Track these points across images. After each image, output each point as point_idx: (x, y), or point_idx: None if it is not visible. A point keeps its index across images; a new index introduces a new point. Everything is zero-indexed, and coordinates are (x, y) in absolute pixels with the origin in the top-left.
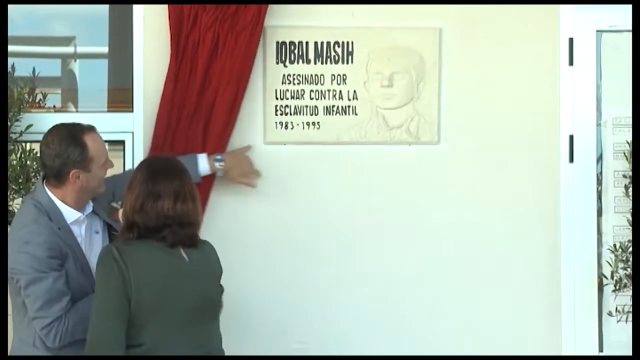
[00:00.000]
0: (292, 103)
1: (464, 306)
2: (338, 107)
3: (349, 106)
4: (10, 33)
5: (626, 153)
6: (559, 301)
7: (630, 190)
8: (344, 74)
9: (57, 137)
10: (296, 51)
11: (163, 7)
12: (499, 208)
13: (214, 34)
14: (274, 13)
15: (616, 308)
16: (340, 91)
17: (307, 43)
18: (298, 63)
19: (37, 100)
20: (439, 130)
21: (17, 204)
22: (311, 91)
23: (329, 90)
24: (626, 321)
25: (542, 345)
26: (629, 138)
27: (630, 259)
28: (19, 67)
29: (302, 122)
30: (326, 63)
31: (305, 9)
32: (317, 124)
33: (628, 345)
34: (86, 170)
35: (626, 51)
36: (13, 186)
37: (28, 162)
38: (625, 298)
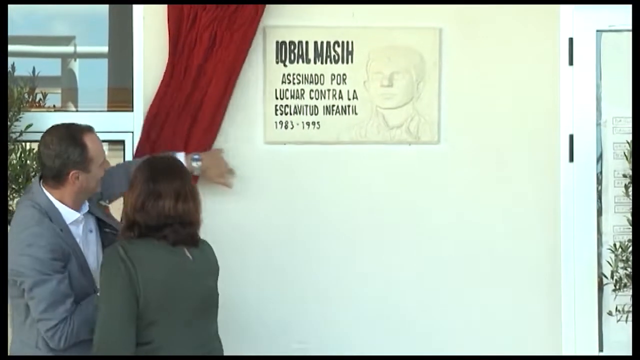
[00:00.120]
0: (292, 103)
1: (464, 306)
2: (338, 107)
3: (349, 106)
4: (10, 33)
5: (626, 153)
6: (559, 301)
7: (630, 189)
8: (344, 74)
9: (57, 138)
10: (296, 51)
11: (163, 7)
12: (499, 208)
13: (212, 33)
14: (274, 13)
15: (616, 308)
16: (340, 91)
17: (307, 43)
18: (298, 63)
19: (37, 99)
20: (439, 130)
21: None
22: (311, 91)
23: (329, 90)
24: (626, 321)
25: (542, 345)
26: (629, 138)
27: (630, 259)
28: (19, 67)
29: (302, 122)
30: (326, 63)
31: (305, 9)
32: (317, 124)
33: (628, 345)
34: (85, 170)
35: (626, 51)
36: (13, 186)
37: (28, 162)
38: (625, 298)
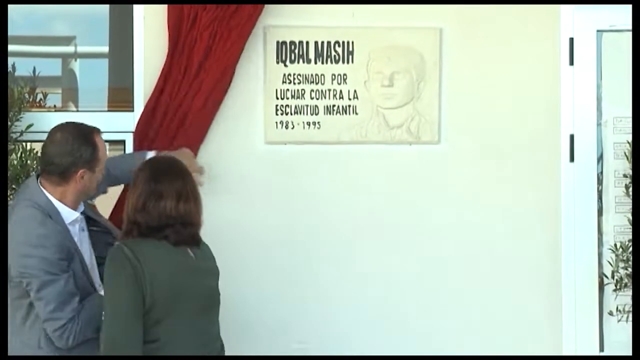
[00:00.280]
0: (293, 103)
1: (465, 306)
2: (338, 107)
3: (350, 106)
4: (10, 33)
5: (627, 153)
6: (560, 301)
7: (630, 189)
8: (345, 74)
9: (71, 135)
10: (296, 51)
11: (163, 7)
12: (500, 208)
13: (211, 33)
14: (274, 13)
15: (617, 308)
16: (340, 91)
17: (308, 43)
18: (298, 63)
19: (38, 99)
20: (440, 130)
21: None
22: (312, 91)
23: (330, 89)
24: (627, 321)
25: (543, 345)
26: (630, 138)
27: (631, 259)
28: (20, 67)
29: (303, 122)
30: (327, 63)
31: (305, 9)
32: (318, 124)
33: (629, 345)
34: (92, 170)
35: (626, 51)
36: (13, 186)
37: (28, 162)
38: (626, 298)
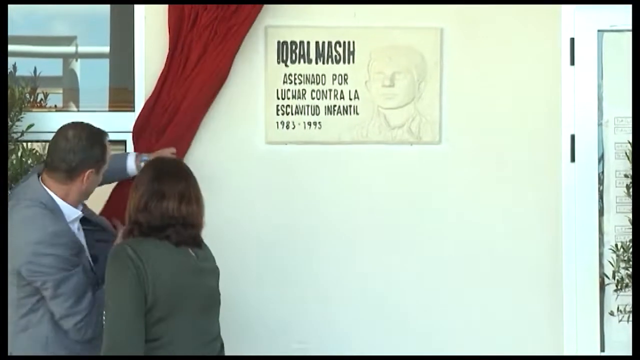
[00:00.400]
0: (294, 103)
1: (465, 306)
2: (339, 107)
3: (351, 106)
4: (11, 33)
5: (627, 152)
6: (561, 301)
7: (631, 189)
8: (345, 74)
9: (84, 134)
10: (297, 51)
11: (164, 7)
12: (500, 208)
13: (211, 32)
14: (275, 13)
15: (618, 308)
16: (341, 91)
17: (309, 43)
18: (299, 63)
19: (39, 99)
20: (441, 130)
21: None
22: (312, 91)
23: (330, 90)
24: (628, 321)
25: (544, 345)
26: (631, 137)
27: (632, 259)
28: (21, 67)
29: (304, 122)
30: (327, 63)
31: (306, 9)
32: (319, 124)
33: (629, 345)
34: (97, 172)
35: (627, 51)
36: (13, 185)
37: (29, 162)
38: (626, 298)
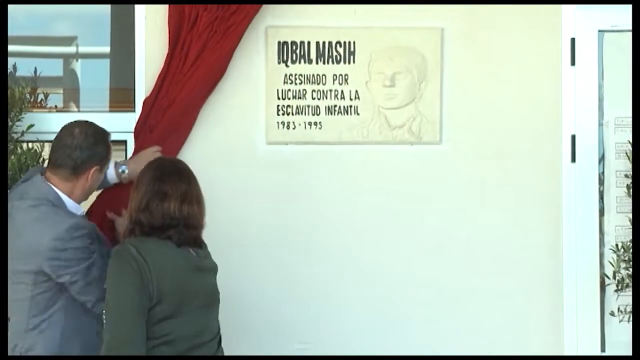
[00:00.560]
0: (294, 103)
1: (466, 306)
2: (340, 107)
3: (351, 106)
4: (12, 33)
5: (628, 153)
6: (561, 301)
7: (632, 190)
8: (346, 74)
9: (89, 130)
10: (298, 51)
11: (165, 7)
12: (501, 208)
13: (210, 32)
14: (276, 13)
15: (618, 308)
16: (342, 91)
17: (309, 43)
18: (300, 63)
19: (39, 100)
20: (441, 130)
21: None
22: (313, 91)
23: (331, 90)
24: (628, 321)
25: (544, 345)
26: (631, 137)
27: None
28: (21, 67)
29: (304, 122)
30: (328, 63)
31: (307, 9)
32: (319, 124)
33: (630, 345)
34: (101, 169)
35: (628, 51)
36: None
37: (28, 162)
38: (627, 298)
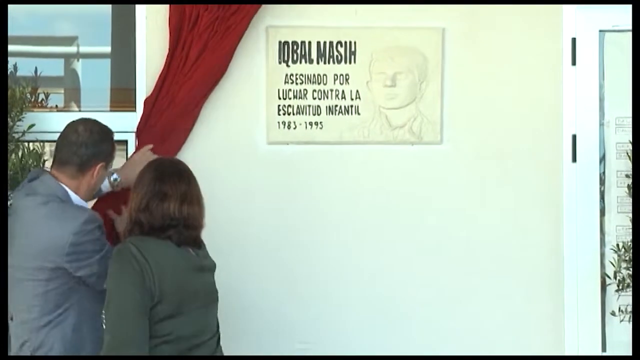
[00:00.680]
0: (295, 103)
1: (467, 306)
2: (341, 107)
3: (352, 106)
4: (13, 33)
5: (629, 153)
6: (562, 301)
7: (632, 190)
8: (347, 74)
9: (94, 128)
10: (299, 51)
11: (165, 7)
12: (502, 208)
13: (211, 32)
14: (277, 13)
15: (619, 308)
16: (343, 91)
17: (310, 43)
18: (301, 63)
19: (40, 99)
20: (442, 130)
21: None
22: (314, 91)
23: (332, 90)
24: (629, 321)
25: (545, 345)
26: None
27: None
28: (22, 67)
29: (305, 122)
30: (329, 63)
31: (307, 9)
32: (320, 124)
33: (631, 345)
34: (106, 166)
35: (629, 51)
36: (14, 186)
37: (29, 161)
38: (628, 298)
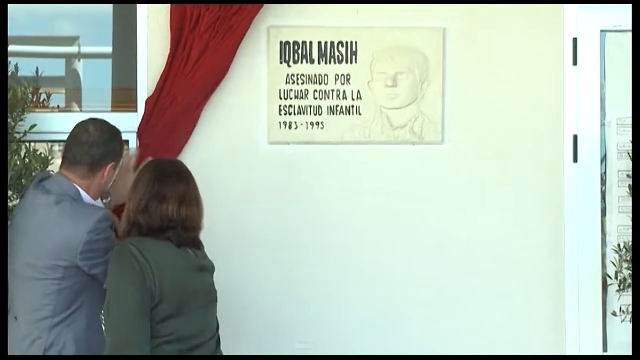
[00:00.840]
0: (296, 103)
1: (467, 306)
2: (342, 107)
3: (353, 106)
4: (14, 33)
5: (630, 153)
6: (563, 301)
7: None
8: (348, 74)
9: (105, 127)
10: (300, 51)
11: (167, 7)
12: (503, 208)
13: (212, 32)
14: (278, 13)
15: (620, 308)
16: (344, 91)
17: (311, 43)
18: (302, 63)
19: (41, 100)
20: (443, 130)
21: None
22: (315, 91)
23: (333, 90)
24: (631, 321)
25: (546, 345)
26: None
27: None
28: (23, 67)
29: (306, 122)
30: (330, 63)
31: (309, 9)
32: (321, 124)
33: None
34: (116, 167)
35: (630, 51)
36: (17, 187)
37: (32, 162)
38: (629, 298)
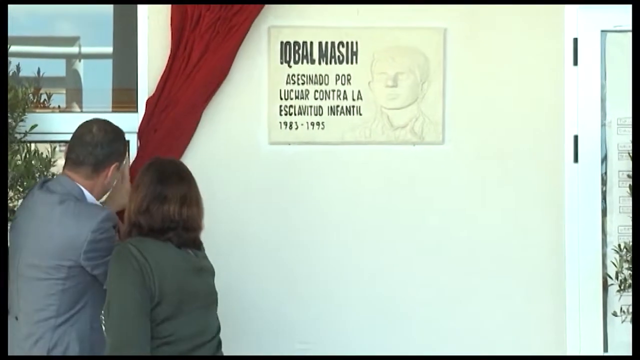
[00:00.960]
0: (297, 103)
1: (468, 307)
2: (342, 107)
3: (354, 106)
4: (14, 33)
5: (630, 153)
6: (564, 301)
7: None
8: (349, 74)
9: (108, 128)
10: (300, 51)
11: (167, 7)
12: (503, 208)
13: (213, 32)
14: (278, 13)
15: (621, 308)
16: (344, 91)
17: (312, 43)
18: (302, 63)
19: (42, 100)
20: (444, 130)
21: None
22: (315, 91)
23: (334, 90)
24: (631, 322)
25: (547, 345)
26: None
27: None
28: (24, 68)
29: (307, 122)
30: (330, 63)
31: (309, 9)
32: (322, 124)
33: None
34: (119, 167)
35: (630, 51)
36: (18, 187)
37: (33, 162)
38: (630, 298)
